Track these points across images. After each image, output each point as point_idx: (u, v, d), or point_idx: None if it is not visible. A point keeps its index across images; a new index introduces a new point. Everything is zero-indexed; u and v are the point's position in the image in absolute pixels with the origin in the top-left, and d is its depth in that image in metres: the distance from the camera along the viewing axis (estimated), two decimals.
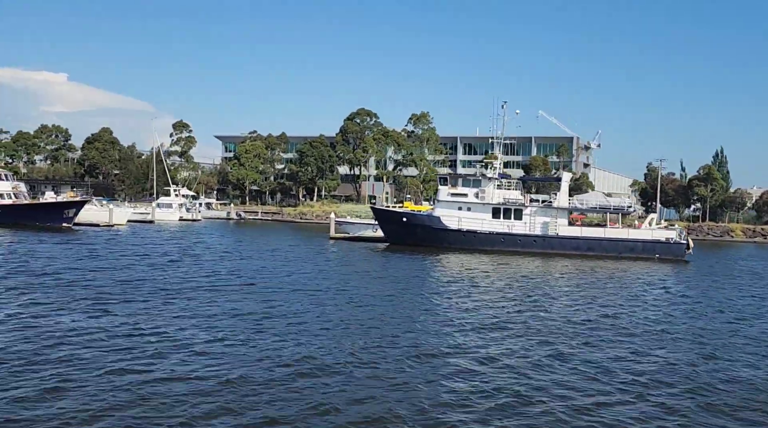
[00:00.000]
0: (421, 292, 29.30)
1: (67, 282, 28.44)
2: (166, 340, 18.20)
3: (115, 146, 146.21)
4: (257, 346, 17.85)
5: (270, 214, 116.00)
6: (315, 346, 17.97)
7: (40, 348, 16.84)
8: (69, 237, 56.76)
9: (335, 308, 24.23)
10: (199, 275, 32.70)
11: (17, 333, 18.39)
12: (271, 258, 43.22)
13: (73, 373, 14.82)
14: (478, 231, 54.59)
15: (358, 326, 20.96)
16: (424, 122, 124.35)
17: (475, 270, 40.44)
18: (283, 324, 20.98)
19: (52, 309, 22.05)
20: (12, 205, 65.64)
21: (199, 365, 15.81)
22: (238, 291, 27.54)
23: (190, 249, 48.58)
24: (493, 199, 55.36)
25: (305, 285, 29.81)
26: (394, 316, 23.01)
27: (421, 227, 56.55)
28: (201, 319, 21.26)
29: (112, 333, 18.82)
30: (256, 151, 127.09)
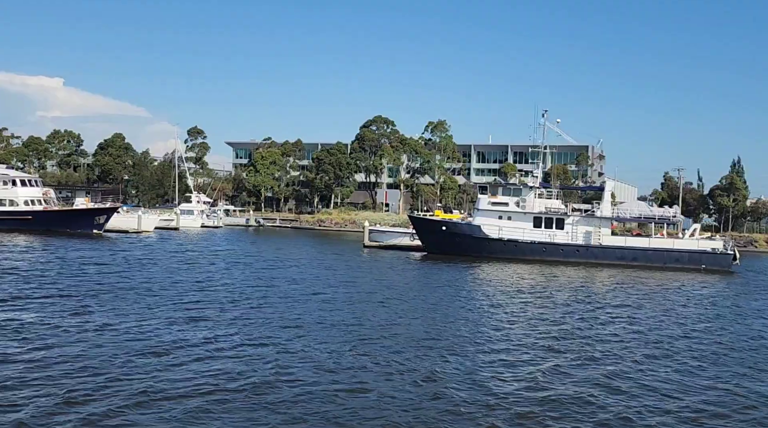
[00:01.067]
0: (472, 304, 28.92)
1: (147, 292, 28.09)
2: (283, 351, 17.90)
3: (129, 152, 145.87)
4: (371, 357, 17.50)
5: (288, 221, 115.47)
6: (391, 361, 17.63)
7: (171, 358, 16.51)
8: (105, 244, 56.30)
9: (407, 322, 23.72)
10: (264, 284, 32.30)
11: (130, 343, 18.03)
12: (317, 267, 42.92)
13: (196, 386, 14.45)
14: (519, 241, 54.20)
15: (423, 339, 20.59)
16: (442, 130, 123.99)
17: (524, 280, 40.07)
18: (382, 334, 20.64)
19: (158, 322, 21.65)
20: (44, 211, 65.17)
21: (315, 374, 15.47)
22: (312, 301, 27.32)
23: (235, 258, 48.11)
24: (535, 208, 55.00)
25: (366, 297, 29.53)
26: (449, 328, 22.75)
27: (461, 236, 56.14)
28: (306, 329, 20.92)
29: (232, 343, 18.47)
30: (273, 158, 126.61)
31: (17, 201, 64.42)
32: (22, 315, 21.42)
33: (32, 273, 32.61)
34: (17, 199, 64.45)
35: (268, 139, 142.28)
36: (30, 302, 24.02)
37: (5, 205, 64.39)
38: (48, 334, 18.86)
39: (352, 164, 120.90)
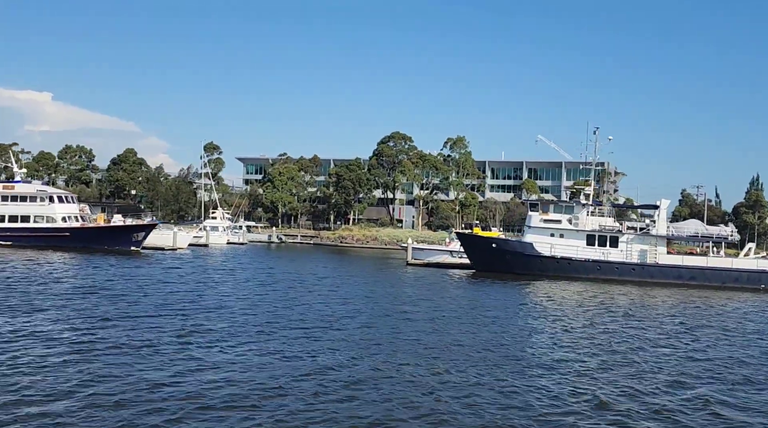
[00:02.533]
0: (536, 322, 28.44)
1: (224, 312, 27.33)
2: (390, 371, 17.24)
3: (142, 167, 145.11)
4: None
5: (308, 237, 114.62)
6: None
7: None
8: (150, 261, 55.44)
9: (470, 342, 23.16)
10: (322, 303, 31.67)
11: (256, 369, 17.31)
12: (362, 285, 42.39)
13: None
14: (573, 259, 53.61)
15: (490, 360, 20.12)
16: (461, 146, 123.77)
17: (589, 299, 39.46)
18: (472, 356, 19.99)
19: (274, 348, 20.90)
20: (82, 228, 64.23)
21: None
22: (382, 318, 26.84)
23: (289, 277, 47.31)
24: (588, 226, 54.48)
25: (427, 315, 28.96)
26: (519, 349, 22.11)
27: (512, 253, 55.53)
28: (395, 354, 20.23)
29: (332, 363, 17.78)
30: (290, 174, 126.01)
31: (55, 217, 63.49)
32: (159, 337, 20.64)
33: (115, 290, 31.80)
34: (55, 215, 63.53)
35: (283, 154, 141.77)
36: (151, 321, 23.25)
37: (43, 222, 63.45)
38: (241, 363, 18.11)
39: (372, 180, 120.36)
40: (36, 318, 23.67)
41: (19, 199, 64.63)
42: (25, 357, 17.61)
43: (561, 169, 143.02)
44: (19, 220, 63.61)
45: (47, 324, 22.49)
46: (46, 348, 18.87)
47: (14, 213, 63.74)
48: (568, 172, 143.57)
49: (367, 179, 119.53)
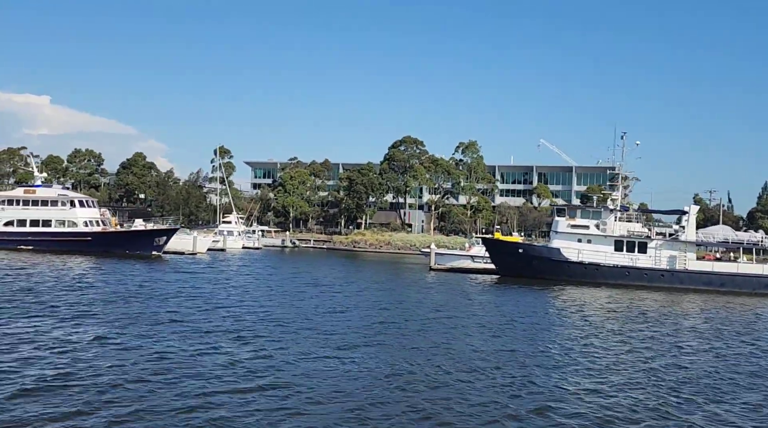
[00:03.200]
0: (571, 330, 28.07)
1: (281, 321, 27.04)
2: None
3: (152, 171, 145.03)
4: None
5: (320, 241, 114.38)
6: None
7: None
8: (173, 266, 55.15)
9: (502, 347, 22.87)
10: (361, 309, 31.33)
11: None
12: (392, 291, 42.15)
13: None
14: (601, 264, 53.31)
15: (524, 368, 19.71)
16: (473, 151, 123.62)
17: (622, 305, 39.16)
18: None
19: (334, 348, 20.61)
20: (103, 232, 63.95)
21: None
22: (435, 326, 26.42)
23: (316, 282, 47.03)
24: (616, 231, 54.20)
25: (460, 323, 28.54)
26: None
27: (539, 259, 55.24)
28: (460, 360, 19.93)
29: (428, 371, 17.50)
30: (302, 178, 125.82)
31: (77, 222, 63.22)
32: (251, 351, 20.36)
33: (163, 296, 31.50)
34: (77, 219, 63.25)
35: (293, 158, 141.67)
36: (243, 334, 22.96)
37: (65, 226, 63.18)
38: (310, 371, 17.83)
39: (384, 184, 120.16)
40: (94, 324, 23.37)
41: (40, 203, 64.39)
42: (120, 373, 17.32)
43: (571, 173, 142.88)
44: (41, 225, 63.36)
45: (115, 330, 22.21)
46: (130, 354, 18.60)
47: (36, 217, 63.50)
48: (578, 176, 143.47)
49: (380, 183, 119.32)
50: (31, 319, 24.61)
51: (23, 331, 21.81)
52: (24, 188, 66.74)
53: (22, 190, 65.98)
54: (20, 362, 17.32)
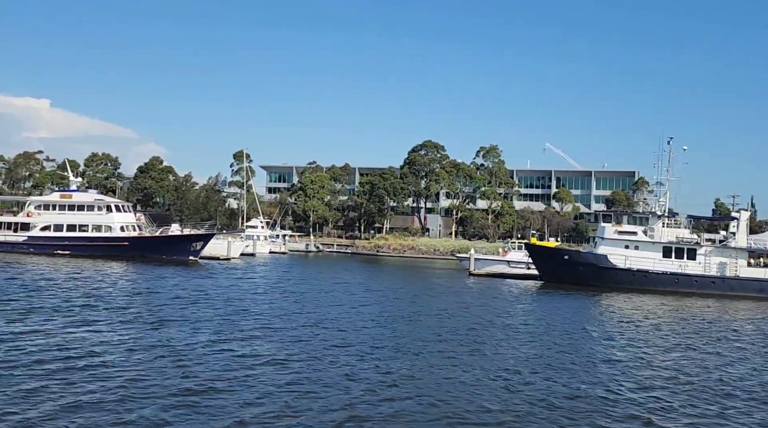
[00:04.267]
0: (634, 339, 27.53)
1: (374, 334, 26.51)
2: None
3: (170, 175, 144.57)
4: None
5: (343, 246, 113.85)
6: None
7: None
8: (213, 271, 54.73)
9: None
10: (419, 314, 30.79)
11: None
12: (440, 297, 41.73)
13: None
14: (650, 271, 52.72)
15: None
16: (494, 155, 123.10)
17: (676, 312, 38.59)
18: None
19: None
20: (139, 237, 63.51)
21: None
22: (490, 330, 25.89)
23: (361, 289, 46.53)
24: (664, 238, 53.61)
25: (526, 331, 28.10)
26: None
27: (585, 265, 54.67)
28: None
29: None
30: (322, 182, 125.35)
31: (113, 226, 62.79)
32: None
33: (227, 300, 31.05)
34: (113, 224, 62.82)
35: (312, 162, 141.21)
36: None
37: (102, 231, 62.75)
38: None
39: (406, 189, 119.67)
40: (178, 331, 22.88)
41: (77, 207, 63.99)
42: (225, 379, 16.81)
43: (591, 177, 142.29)
44: (77, 229, 62.94)
45: (203, 335, 21.70)
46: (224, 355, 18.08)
47: (72, 222, 63.08)
48: (597, 180, 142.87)
49: (401, 188, 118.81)
50: (123, 325, 24.22)
51: (129, 337, 21.38)
52: (60, 193, 66.33)
53: (58, 195, 65.58)
54: (162, 369, 16.84)
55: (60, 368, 17.17)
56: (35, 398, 14.49)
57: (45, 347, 19.62)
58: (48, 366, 17.25)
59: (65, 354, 18.86)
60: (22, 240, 62.92)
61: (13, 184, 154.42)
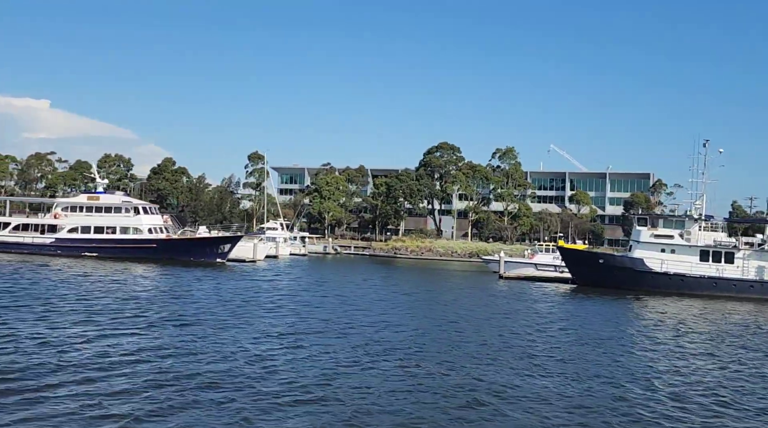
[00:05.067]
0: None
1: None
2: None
3: (184, 177, 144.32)
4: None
5: (360, 248, 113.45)
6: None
7: None
8: (243, 273, 54.43)
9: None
10: (465, 319, 30.42)
11: None
12: (476, 300, 41.22)
13: None
14: (687, 275, 52.24)
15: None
16: (511, 157, 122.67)
17: (722, 317, 38.15)
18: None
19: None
20: (167, 239, 63.14)
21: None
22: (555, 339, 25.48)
23: (396, 290, 46.17)
24: (701, 241, 53.14)
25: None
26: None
27: (621, 269, 54.22)
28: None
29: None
30: (338, 184, 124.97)
31: (141, 229, 62.44)
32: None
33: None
34: (141, 226, 62.48)
35: (326, 164, 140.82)
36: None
37: (130, 233, 62.40)
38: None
39: (423, 191, 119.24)
40: (250, 334, 22.49)
41: (104, 209, 63.67)
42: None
43: (605, 179, 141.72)
44: (105, 231, 62.58)
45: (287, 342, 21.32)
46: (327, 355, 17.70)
47: (100, 224, 62.74)
48: (612, 182, 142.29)
49: (418, 190, 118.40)
50: (186, 328, 23.90)
51: (193, 339, 21.02)
52: (87, 195, 66.00)
53: (85, 197, 65.26)
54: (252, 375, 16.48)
55: (208, 378, 16.82)
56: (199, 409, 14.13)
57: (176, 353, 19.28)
58: (203, 379, 16.93)
59: (200, 359, 18.51)
60: (50, 241, 62.60)
61: (25, 185, 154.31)
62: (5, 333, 21.39)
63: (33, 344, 20.00)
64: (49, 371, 16.84)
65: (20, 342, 20.20)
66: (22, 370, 16.70)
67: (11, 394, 14.65)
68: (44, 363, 17.54)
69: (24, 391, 14.92)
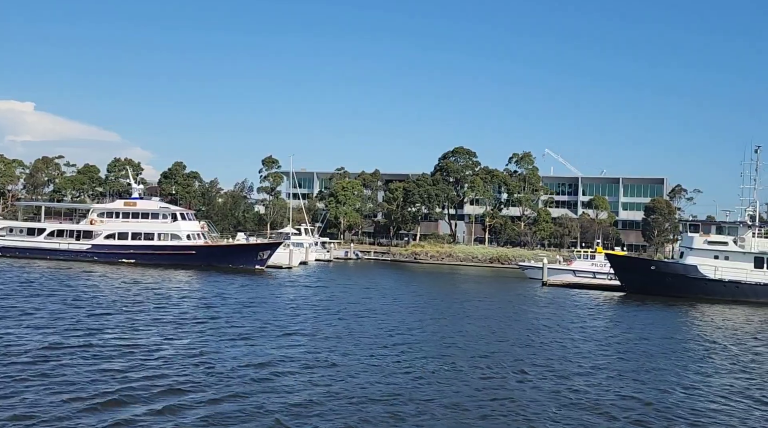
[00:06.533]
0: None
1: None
2: None
3: (195, 181, 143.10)
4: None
5: (379, 253, 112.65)
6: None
7: None
8: (289, 280, 53.60)
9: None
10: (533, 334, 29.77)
11: None
12: (530, 310, 40.52)
13: None
14: (742, 282, 51.84)
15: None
16: (528, 162, 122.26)
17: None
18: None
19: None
20: (207, 246, 62.18)
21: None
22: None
23: (442, 297, 45.49)
24: (755, 248, 52.77)
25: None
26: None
27: (673, 276, 53.74)
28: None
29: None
30: (355, 189, 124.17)
31: (180, 235, 61.42)
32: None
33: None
34: (180, 233, 61.45)
35: (341, 168, 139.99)
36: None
37: (168, 240, 61.36)
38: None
39: (441, 195, 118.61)
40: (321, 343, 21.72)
41: (141, 215, 62.63)
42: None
43: (618, 184, 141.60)
44: (143, 238, 61.53)
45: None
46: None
47: (138, 230, 61.66)
48: (625, 187, 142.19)
49: (436, 194, 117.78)
50: (287, 338, 23.14)
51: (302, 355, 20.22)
52: (124, 201, 64.94)
53: (122, 203, 64.19)
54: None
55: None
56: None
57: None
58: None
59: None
60: (86, 248, 61.48)
61: (33, 189, 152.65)
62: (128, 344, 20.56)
63: (174, 355, 19.14)
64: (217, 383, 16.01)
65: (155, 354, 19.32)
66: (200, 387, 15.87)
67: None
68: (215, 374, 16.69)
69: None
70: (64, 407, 13.99)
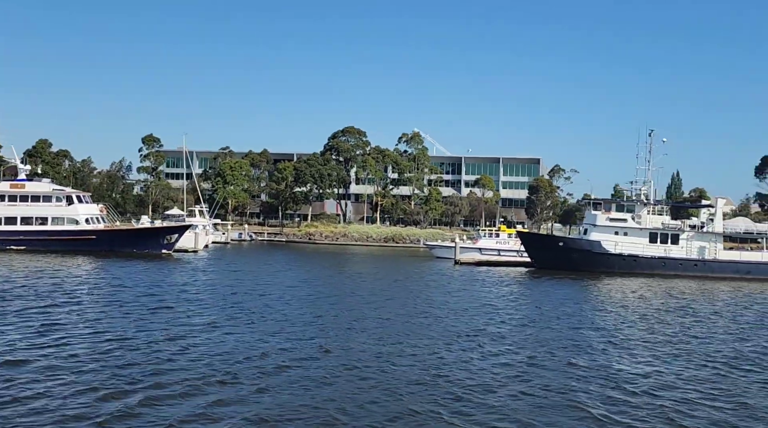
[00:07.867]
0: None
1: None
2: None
3: (66, 160, 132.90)
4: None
5: (273, 234, 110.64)
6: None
7: None
8: (208, 264, 51.46)
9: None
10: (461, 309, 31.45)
11: None
12: (477, 287, 42.30)
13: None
14: (639, 256, 56.01)
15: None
16: (418, 142, 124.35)
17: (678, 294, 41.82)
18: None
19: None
20: (107, 230, 58.10)
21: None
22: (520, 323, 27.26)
23: (378, 283, 45.93)
24: (650, 224, 57.09)
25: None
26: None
27: (579, 251, 57.06)
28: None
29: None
30: (243, 169, 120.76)
31: (78, 219, 56.92)
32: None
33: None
34: (78, 216, 56.93)
35: (225, 148, 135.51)
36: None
37: (64, 224, 56.67)
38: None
39: (332, 175, 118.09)
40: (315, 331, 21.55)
41: (31, 198, 57.29)
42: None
43: (498, 164, 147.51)
44: (34, 222, 56.44)
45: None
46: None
47: (28, 214, 56.44)
48: (505, 167, 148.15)
49: (328, 174, 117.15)
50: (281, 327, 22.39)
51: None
52: (9, 183, 58.98)
53: (8, 185, 58.27)
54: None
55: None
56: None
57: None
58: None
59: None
60: None
61: None
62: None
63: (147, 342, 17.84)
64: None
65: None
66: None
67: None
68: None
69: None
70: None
